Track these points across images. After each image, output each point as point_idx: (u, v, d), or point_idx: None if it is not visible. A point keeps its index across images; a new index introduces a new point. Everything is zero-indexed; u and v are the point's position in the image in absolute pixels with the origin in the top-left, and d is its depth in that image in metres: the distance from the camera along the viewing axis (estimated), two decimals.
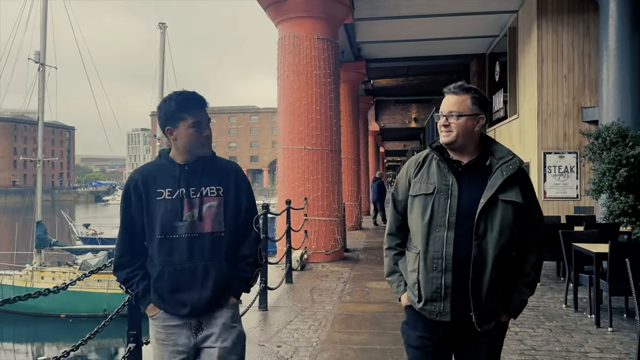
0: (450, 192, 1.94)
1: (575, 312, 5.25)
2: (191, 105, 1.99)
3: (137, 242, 2.06)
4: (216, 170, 2.06)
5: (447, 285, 1.92)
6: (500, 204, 1.91)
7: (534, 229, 2.01)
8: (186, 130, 1.97)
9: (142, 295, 2.03)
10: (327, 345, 4.25)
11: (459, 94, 2.00)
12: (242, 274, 2.08)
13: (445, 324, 1.95)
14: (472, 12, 10.15)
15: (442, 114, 2.01)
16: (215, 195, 2.02)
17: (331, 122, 8.35)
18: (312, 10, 8.04)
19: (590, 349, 4.14)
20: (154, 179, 2.02)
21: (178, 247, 1.98)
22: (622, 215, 7.19)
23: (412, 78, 16.10)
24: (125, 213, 2.05)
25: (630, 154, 7.06)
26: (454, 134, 1.97)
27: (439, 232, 1.94)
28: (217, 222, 2.01)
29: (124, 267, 2.05)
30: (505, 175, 1.92)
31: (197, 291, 1.97)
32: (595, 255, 4.77)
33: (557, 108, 8.70)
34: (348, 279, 7.11)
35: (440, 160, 2.00)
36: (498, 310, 1.96)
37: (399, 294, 2.11)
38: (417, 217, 2.00)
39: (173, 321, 2.00)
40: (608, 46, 7.92)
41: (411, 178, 2.07)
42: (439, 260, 1.93)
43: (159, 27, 20.22)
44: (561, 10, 8.76)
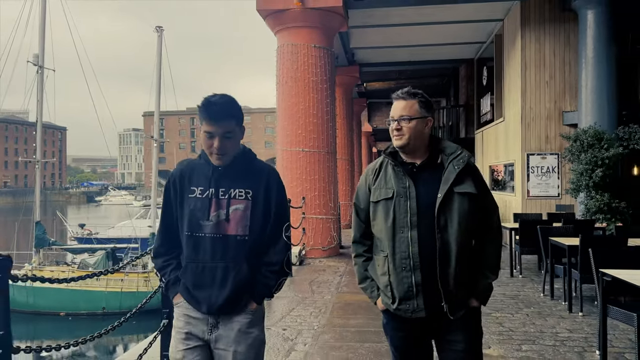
0: (409, 194, 2.02)
1: (551, 300, 5.78)
2: (206, 114, 1.99)
3: (174, 234, 2.11)
4: (249, 173, 2.07)
5: (417, 282, 1.99)
6: (456, 196, 1.99)
7: (490, 216, 2.11)
8: (202, 135, 2.03)
9: (172, 284, 2.09)
10: (327, 328, 4.74)
11: (407, 99, 2.09)
12: (266, 280, 2.06)
13: (421, 319, 2.02)
14: (461, 21, 10.67)
15: (393, 119, 2.09)
16: (244, 199, 2.03)
17: (327, 126, 8.83)
18: (309, 21, 8.51)
19: (561, 330, 4.66)
20: (190, 177, 2.07)
21: (202, 246, 2.01)
22: (599, 213, 7.74)
23: (403, 81, 16.58)
24: (165, 206, 2.13)
25: (605, 155, 7.62)
26: (406, 137, 2.06)
27: (403, 233, 2.01)
28: (242, 226, 2.02)
29: (161, 256, 2.13)
30: (457, 169, 2.01)
31: (216, 291, 2.00)
32: (567, 248, 5.29)
33: (539, 112, 9.24)
34: (344, 273, 7.60)
35: (395, 164, 2.09)
36: (466, 297, 2.04)
37: (374, 299, 2.15)
38: (381, 222, 2.07)
39: (193, 313, 2.05)
40: (586, 55, 8.46)
41: (370, 185, 2.14)
42: (407, 259, 2.00)
43: (156, 31, 20.51)
44: (543, 20, 9.31)
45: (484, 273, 2.08)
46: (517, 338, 4.37)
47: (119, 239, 24.58)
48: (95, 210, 69.71)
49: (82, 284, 17.97)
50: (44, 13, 19.68)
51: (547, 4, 9.25)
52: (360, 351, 4.09)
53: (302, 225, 8.49)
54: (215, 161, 2.02)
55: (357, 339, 4.40)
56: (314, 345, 4.26)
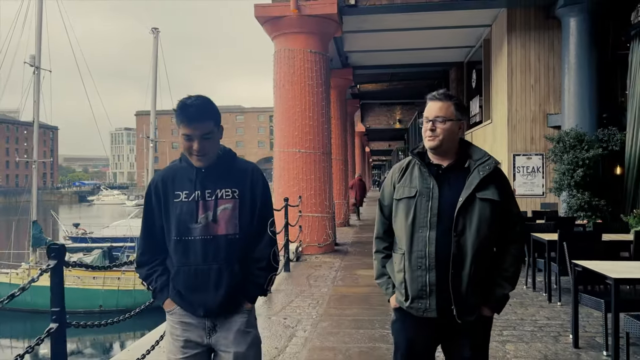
0: (431, 194, 2.03)
1: (533, 291, 6.20)
2: (183, 117, 1.97)
3: (157, 241, 2.09)
4: (233, 173, 2.07)
5: (431, 282, 2.01)
6: (477, 202, 2.00)
7: (512, 225, 2.09)
8: (181, 138, 2.01)
9: (159, 291, 2.07)
10: (325, 317, 5.11)
11: (443, 101, 2.09)
12: (256, 279, 2.08)
13: (431, 320, 2.04)
14: (451, 26, 11.09)
15: (428, 119, 2.09)
16: (230, 198, 2.03)
17: (323, 128, 9.21)
18: (306, 27, 8.87)
19: (540, 318, 5.07)
20: (173, 181, 2.06)
21: (193, 249, 2.00)
22: (580, 210, 8.19)
23: (396, 83, 17.03)
24: (146, 213, 2.11)
25: (585, 156, 8.06)
26: (439, 138, 2.06)
27: (421, 232, 2.03)
28: (232, 225, 2.02)
29: (144, 265, 2.11)
30: (481, 175, 2.02)
31: (211, 293, 2.00)
32: (547, 243, 5.70)
33: (525, 114, 9.68)
34: (339, 268, 7.98)
35: (422, 165, 2.11)
36: (479, 304, 2.04)
37: (388, 296, 2.20)
38: (402, 219, 2.09)
39: (188, 318, 2.04)
40: (569, 60, 8.91)
41: (395, 183, 2.18)
42: (423, 259, 2.02)
43: (152, 32, 20.78)
44: (529, 26, 9.74)
45: (500, 283, 2.07)
46: (499, 325, 4.77)
47: (113, 239, 24.75)
48: (88, 209, 69.47)
49: (79, 282, 18.24)
50: (41, 14, 19.85)
51: (533, 11, 9.69)
52: (356, 336, 4.46)
53: (299, 223, 8.86)
54: (196, 163, 2.01)
55: (352, 326, 4.78)
56: (313, 331, 4.63)
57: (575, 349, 4.14)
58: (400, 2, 9.05)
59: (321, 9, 8.76)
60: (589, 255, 4.51)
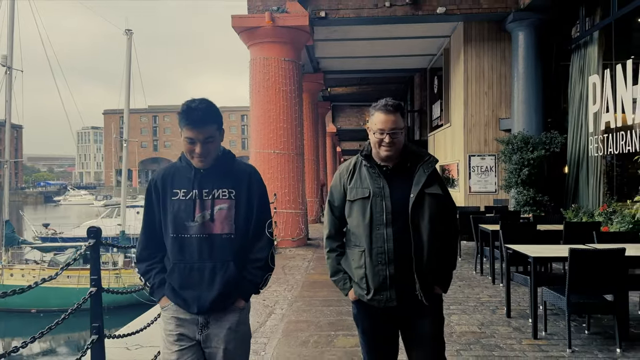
0: (384, 194, 2.17)
1: (480, 275, 7.08)
2: (187, 121, 2.01)
3: (157, 237, 2.14)
4: (231, 174, 2.13)
5: (391, 275, 2.14)
6: (426, 197, 2.17)
7: (452, 214, 2.31)
8: (183, 141, 2.06)
9: (157, 287, 2.12)
10: (299, 298, 5.84)
11: (396, 113, 2.19)
12: (252, 277, 2.13)
13: (392, 309, 2.19)
14: (414, 36, 11.98)
15: (384, 131, 2.17)
16: (227, 198, 2.08)
17: (295, 130, 9.92)
18: (279, 37, 9.56)
19: (483, 296, 5.93)
20: (172, 180, 2.12)
21: (189, 246, 2.05)
22: (526, 205, 9.17)
23: (365, 87, 17.87)
24: (147, 210, 2.17)
25: (530, 157, 9.04)
26: (395, 148, 2.19)
27: (379, 230, 2.15)
28: (228, 224, 2.07)
29: (144, 261, 2.17)
30: (427, 173, 2.20)
31: (205, 290, 2.04)
32: (491, 232, 6.58)
33: (479, 119, 10.64)
34: (312, 259, 8.71)
35: (371, 166, 2.23)
36: (433, 285, 2.22)
37: (346, 291, 2.30)
38: (359, 219, 2.20)
39: (182, 315, 2.09)
40: (518, 70, 9.89)
41: (346, 185, 2.27)
42: (383, 254, 2.15)
43: (126, 34, 21.00)
44: (482, 38, 10.70)
45: (446, 264, 2.27)
46: (447, 302, 5.59)
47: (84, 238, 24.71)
48: (54, 210, 67.91)
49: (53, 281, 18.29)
50: (12, 14, 19.81)
51: (487, 24, 10.65)
52: (326, 312, 5.21)
53: (274, 219, 9.55)
54: (197, 164, 2.07)
55: (323, 304, 5.53)
56: (289, 309, 5.36)
57: (507, 318, 4.99)
58: (367, 15, 9.83)
59: (294, 20, 9.46)
60: (524, 241, 5.33)
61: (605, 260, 4.07)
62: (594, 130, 8.80)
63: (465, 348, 4.09)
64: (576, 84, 9.52)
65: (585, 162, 9.12)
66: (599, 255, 4.08)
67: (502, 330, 4.60)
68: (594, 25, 8.96)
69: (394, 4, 9.70)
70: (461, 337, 4.39)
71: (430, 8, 9.68)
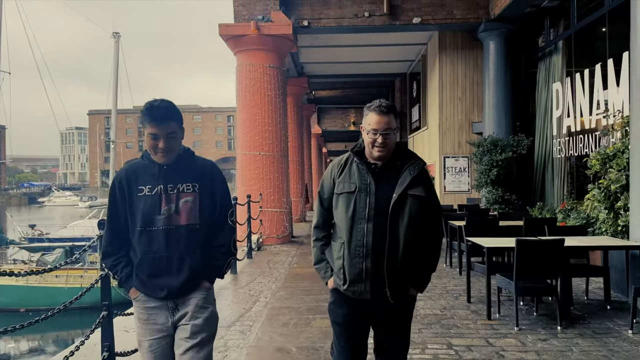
0: (369, 190, 2.24)
1: (450, 268, 7.69)
2: (150, 118, 2.15)
3: (121, 233, 2.26)
4: (193, 169, 2.27)
5: (367, 268, 2.22)
6: (409, 198, 2.22)
7: (436, 218, 2.35)
8: (146, 137, 2.19)
9: (125, 280, 2.25)
10: (282, 289, 6.38)
11: (389, 114, 2.24)
12: (216, 261, 2.29)
13: (366, 301, 2.27)
14: (393, 44, 12.59)
15: (377, 131, 2.23)
16: (191, 192, 2.22)
17: (280, 133, 10.45)
18: (264, 45, 10.08)
19: (449, 285, 6.53)
20: (136, 177, 2.23)
21: (156, 238, 2.18)
22: (495, 203, 9.82)
23: (348, 90, 18.46)
24: (111, 207, 2.28)
25: (499, 158, 9.69)
26: (388, 149, 2.26)
27: (360, 224, 2.23)
28: (192, 216, 2.21)
29: (109, 256, 2.28)
30: (412, 175, 2.25)
31: (174, 277, 2.19)
32: (458, 228, 7.18)
33: (453, 122, 11.29)
34: (295, 255, 9.25)
35: (360, 163, 2.30)
36: (407, 286, 2.29)
37: (326, 279, 2.40)
38: (342, 212, 2.28)
39: (152, 303, 2.24)
40: (489, 77, 10.55)
41: (335, 178, 2.36)
42: (361, 248, 2.23)
43: (113, 37, 21.32)
44: (456, 47, 11.35)
45: (425, 267, 2.35)
46: None
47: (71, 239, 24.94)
48: (38, 211, 67.25)
49: (42, 280, 18.52)
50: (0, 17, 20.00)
51: (460, 34, 11.29)
52: (306, 300, 5.76)
53: (259, 217, 10.07)
54: (160, 159, 2.21)
55: (304, 293, 6.07)
56: (273, 298, 5.89)
57: (467, 303, 5.58)
58: (347, 24, 10.41)
59: (278, 29, 9.99)
60: (487, 236, 5.91)
61: (546, 250, 4.67)
62: (557, 133, 9.49)
63: (426, 327, 4.66)
64: (542, 90, 10.20)
65: (550, 164, 9.81)
66: (541, 245, 4.69)
67: (461, 312, 5.19)
68: (557, 36, 9.65)
69: (372, 14, 10.29)
70: (424, 318, 4.97)
71: (407, 18, 10.29)
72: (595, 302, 5.58)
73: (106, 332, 3.43)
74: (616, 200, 5.88)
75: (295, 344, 4.28)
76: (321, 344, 4.24)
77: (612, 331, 4.54)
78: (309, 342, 4.31)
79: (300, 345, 4.23)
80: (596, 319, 4.94)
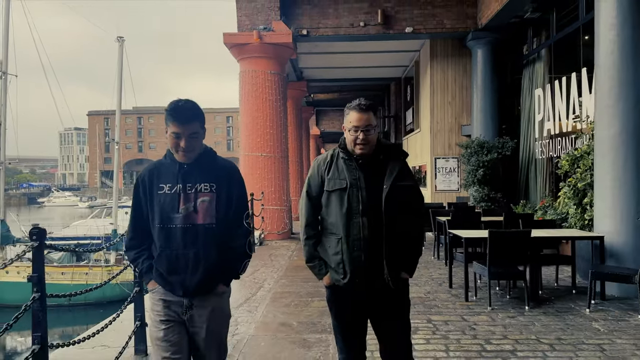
0: (360, 185, 2.30)
1: (437, 260, 8.36)
2: (174, 117, 2.20)
3: (144, 228, 2.33)
4: (212, 169, 2.31)
5: (365, 261, 2.30)
6: (398, 188, 2.31)
7: (419, 204, 2.45)
8: (169, 136, 2.24)
9: (145, 273, 2.33)
10: (283, 277, 7.05)
11: (369, 111, 2.32)
12: (232, 264, 2.33)
13: (363, 293, 2.35)
14: (388, 50, 13.27)
15: (358, 128, 2.30)
16: (209, 191, 2.26)
17: (281, 135, 11.12)
18: (266, 52, 10.75)
19: (435, 274, 7.20)
20: (158, 175, 2.30)
21: (174, 236, 2.24)
22: (482, 201, 10.50)
23: (345, 93, 19.13)
24: (135, 203, 2.36)
25: (485, 159, 10.37)
26: (369, 145, 2.33)
27: (355, 218, 2.29)
28: (209, 215, 2.25)
29: (132, 249, 2.37)
30: (398, 166, 2.35)
31: (189, 275, 2.24)
32: (444, 223, 7.85)
33: (444, 125, 11.97)
34: (295, 249, 9.92)
35: (348, 159, 2.36)
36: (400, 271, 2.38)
37: (322, 275, 2.44)
38: (336, 209, 2.34)
39: (169, 297, 2.30)
40: (477, 82, 11.22)
41: (323, 175, 2.41)
42: (359, 241, 2.29)
43: (117, 40, 21.93)
44: (447, 54, 12.03)
45: (413, 251, 2.43)
46: None
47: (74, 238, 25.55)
48: (38, 211, 67.71)
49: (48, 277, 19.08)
50: (7, 19, 20.55)
51: (450, 42, 11.97)
52: (305, 286, 6.43)
53: (262, 214, 10.74)
54: (181, 158, 2.25)
55: (303, 281, 6.75)
56: (275, 285, 6.57)
57: (449, 288, 6.26)
58: (344, 33, 11.08)
59: (279, 38, 10.66)
60: (469, 229, 6.57)
61: (515, 240, 5.35)
62: (539, 136, 10.18)
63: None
64: (526, 95, 10.89)
65: (533, 164, 10.49)
66: (510, 236, 5.37)
67: (443, 296, 5.87)
68: (539, 46, 10.33)
69: (368, 24, 10.97)
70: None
71: (400, 28, 10.97)
72: (563, 287, 6.26)
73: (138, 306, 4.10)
74: (583, 197, 6.57)
75: (296, 320, 4.95)
76: (319, 320, 4.92)
77: (572, 310, 5.23)
78: (308, 319, 4.98)
79: (300, 321, 4.90)
80: (561, 301, 5.62)
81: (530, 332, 4.50)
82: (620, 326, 4.67)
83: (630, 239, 5.64)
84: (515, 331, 4.54)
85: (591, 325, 4.72)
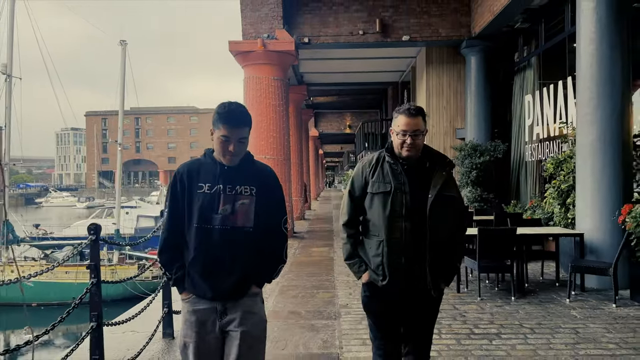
0: (404, 189, 2.32)
1: None
2: (225, 121, 2.19)
3: (179, 226, 2.26)
4: (252, 173, 2.29)
5: (405, 265, 2.33)
6: (443, 197, 2.34)
7: (462, 216, 2.48)
8: (217, 139, 2.22)
9: (180, 280, 2.26)
10: (289, 272, 7.57)
11: (418, 116, 2.34)
12: (267, 268, 2.31)
13: (401, 296, 2.40)
14: (385, 57, 13.81)
15: (407, 132, 2.32)
16: (248, 194, 2.23)
17: (284, 139, 11.63)
18: (269, 59, 11.26)
19: None
20: (198, 174, 2.26)
21: (211, 237, 2.19)
22: (475, 202, 11.04)
23: (344, 96, 19.68)
24: (172, 200, 2.28)
25: (478, 161, 10.90)
26: (417, 149, 2.34)
27: (397, 222, 2.32)
28: (248, 218, 2.22)
29: (166, 252, 2.29)
30: (444, 175, 2.38)
31: (225, 278, 2.20)
32: None
33: (439, 129, 12.51)
34: (298, 247, 10.44)
35: (394, 162, 2.37)
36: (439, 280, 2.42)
37: (361, 273, 2.47)
38: (379, 211, 2.35)
39: (202, 305, 2.23)
40: (471, 87, 11.76)
41: (367, 177, 2.42)
42: (399, 245, 2.32)
43: (120, 44, 22.38)
44: (442, 61, 12.57)
45: (453, 262, 2.47)
46: None
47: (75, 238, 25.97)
48: (36, 212, 67.91)
49: (52, 276, 19.41)
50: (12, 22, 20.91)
51: (445, 49, 12.50)
52: (310, 280, 6.95)
53: None
54: (227, 162, 2.24)
55: (308, 276, 7.27)
56: (282, 279, 7.08)
57: None
58: (344, 41, 11.60)
59: (282, 46, 11.17)
60: None
61: (502, 237, 5.89)
62: (529, 139, 10.73)
63: None
64: (517, 101, 11.45)
65: (523, 166, 11.05)
66: (498, 233, 5.91)
67: None
68: (529, 54, 10.89)
69: (366, 32, 11.51)
70: None
71: (397, 36, 11.50)
72: (548, 280, 6.81)
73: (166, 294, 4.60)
74: (567, 197, 7.11)
75: (304, 309, 5.48)
76: (324, 309, 5.44)
77: (554, 300, 5.77)
78: (315, 308, 5.50)
79: (308, 310, 5.43)
80: (545, 292, 6.16)
81: (514, 319, 5.03)
82: (596, 313, 5.21)
83: (607, 236, 6.18)
84: (501, 318, 5.08)
85: (569, 312, 5.26)
